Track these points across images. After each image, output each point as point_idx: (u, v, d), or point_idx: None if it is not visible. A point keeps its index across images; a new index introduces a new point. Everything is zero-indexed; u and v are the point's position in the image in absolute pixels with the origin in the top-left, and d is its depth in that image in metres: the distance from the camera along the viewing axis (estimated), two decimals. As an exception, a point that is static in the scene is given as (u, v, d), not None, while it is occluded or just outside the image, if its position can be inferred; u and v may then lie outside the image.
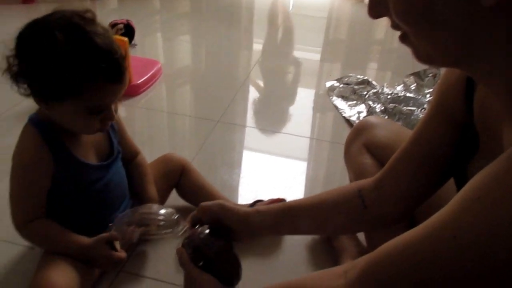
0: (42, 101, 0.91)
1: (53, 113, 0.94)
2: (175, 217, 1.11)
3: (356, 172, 1.12)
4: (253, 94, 2.21)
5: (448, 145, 0.76)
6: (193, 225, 0.94)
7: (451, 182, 0.82)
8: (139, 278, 1.12)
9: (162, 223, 1.11)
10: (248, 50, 2.76)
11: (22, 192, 0.99)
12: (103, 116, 0.95)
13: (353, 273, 0.66)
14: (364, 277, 0.65)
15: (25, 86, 0.91)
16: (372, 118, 1.20)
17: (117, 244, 1.01)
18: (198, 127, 1.88)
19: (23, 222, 1.00)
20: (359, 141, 1.13)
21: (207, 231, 0.89)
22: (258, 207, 0.97)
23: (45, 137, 0.96)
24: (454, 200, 0.54)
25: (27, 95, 0.92)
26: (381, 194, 0.86)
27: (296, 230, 1.00)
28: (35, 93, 0.90)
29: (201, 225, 0.92)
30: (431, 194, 0.83)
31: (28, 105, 0.94)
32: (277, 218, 0.93)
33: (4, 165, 0.97)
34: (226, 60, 2.57)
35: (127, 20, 2.43)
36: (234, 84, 2.24)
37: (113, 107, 0.96)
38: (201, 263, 0.85)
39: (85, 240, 1.00)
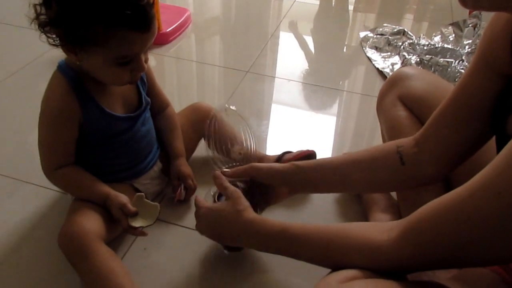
0: (71, 51, 0.90)
1: (83, 64, 0.93)
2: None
3: (389, 125, 1.09)
4: (283, 45, 2.16)
5: (492, 99, 0.73)
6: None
7: (489, 146, 0.79)
8: (166, 225, 1.14)
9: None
10: (279, 0, 2.68)
11: (49, 139, 0.99)
12: (132, 67, 0.93)
13: (395, 232, 0.66)
14: (405, 237, 0.64)
15: (54, 35, 0.89)
16: (407, 69, 1.15)
17: (135, 221, 0.99)
18: (227, 77, 1.86)
19: (51, 169, 1.01)
20: (394, 93, 1.09)
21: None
22: (298, 162, 0.97)
23: (72, 85, 0.95)
24: (498, 157, 0.53)
25: (56, 46, 0.90)
26: (420, 151, 0.84)
27: (333, 188, 1.00)
28: (63, 42, 0.89)
29: None
30: (472, 153, 0.80)
31: (58, 52, 0.93)
32: (314, 174, 0.94)
33: (37, 112, 0.98)
34: (256, 10, 2.51)
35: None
36: (264, 35, 2.19)
37: (143, 57, 0.94)
38: None
39: (105, 192, 1.00)
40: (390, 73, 1.83)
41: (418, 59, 1.87)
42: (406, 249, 0.65)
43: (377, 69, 1.89)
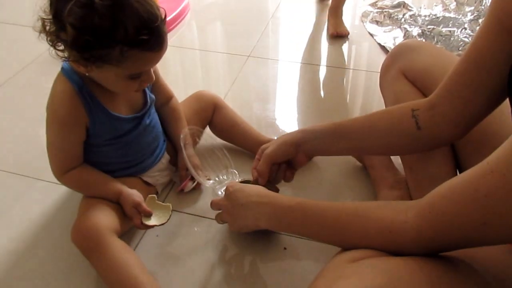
0: (81, 65, 0.89)
1: (92, 74, 0.92)
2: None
3: (392, 99, 1.09)
4: (283, 26, 2.14)
5: (506, 58, 0.71)
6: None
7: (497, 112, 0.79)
8: (178, 214, 1.16)
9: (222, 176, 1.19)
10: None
11: (57, 144, 1.00)
12: (142, 79, 0.95)
13: (413, 213, 0.66)
14: (424, 218, 0.65)
15: (64, 52, 0.89)
16: (409, 42, 1.14)
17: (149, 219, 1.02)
18: (229, 63, 1.86)
19: (61, 172, 1.02)
20: (396, 67, 1.08)
21: None
22: (307, 128, 1.01)
23: (77, 89, 0.95)
24: None
25: (65, 59, 0.90)
26: (435, 114, 0.83)
27: (348, 150, 1.02)
28: (75, 59, 0.88)
29: None
30: (487, 114, 0.80)
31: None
32: (329, 137, 0.96)
33: (44, 109, 0.99)
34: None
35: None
36: (265, 16, 2.18)
37: (152, 69, 0.96)
38: None
39: (118, 190, 1.02)
40: (393, 47, 1.82)
41: (420, 31, 1.86)
42: (426, 230, 0.65)
43: (379, 44, 1.88)
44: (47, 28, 0.87)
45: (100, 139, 1.02)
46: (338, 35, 1.95)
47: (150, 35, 0.85)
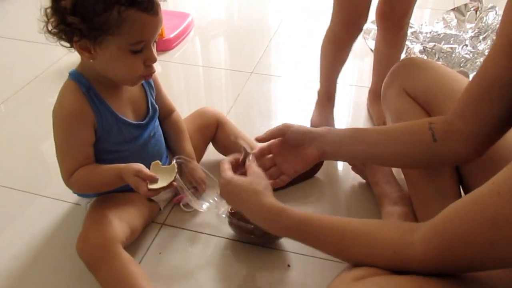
0: (85, 50, 0.92)
1: (97, 61, 0.94)
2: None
3: (394, 116, 1.09)
4: (286, 43, 2.16)
5: None
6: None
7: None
8: (180, 231, 1.16)
9: (216, 198, 1.17)
10: (280, -4, 2.68)
11: (66, 143, 1.00)
12: (145, 57, 0.95)
13: (420, 235, 0.66)
14: (431, 240, 0.65)
15: (66, 33, 0.91)
16: (411, 59, 1.14)
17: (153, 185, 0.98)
18: (232, 80, 1.87)
19: (68, 175, 1.01)
20: (398, 84, 1.09)
21: None
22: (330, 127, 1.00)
23: (85, 91, 0.98)
24: None
25: (70, 45, 0.93)
26: (452, 130, 0.84)
27: (360, 155, 0.98)
28: (78, 38, 0.90)
29: None
30: (503, 133, 0.80)
31: (66, 62, 0.95)
32: (346, 138, 0.95)
33: (49, 123, 0.99)
34: (257, 9, 2.51)
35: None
36: (267, 34, 2.20)
37: (153, 48, 0.96)
38: None
39: (117, 167, 1.00)
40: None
41: (421, 47, 1.87)
42: (431, 252, 0.65)
43: (381, 60, 1.89)
44: (50, 18, 0.90)
45: (107, 144, 1.03)
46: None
47: None
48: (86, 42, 0.91)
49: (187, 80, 1.89)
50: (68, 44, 0.93)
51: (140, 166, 0.97)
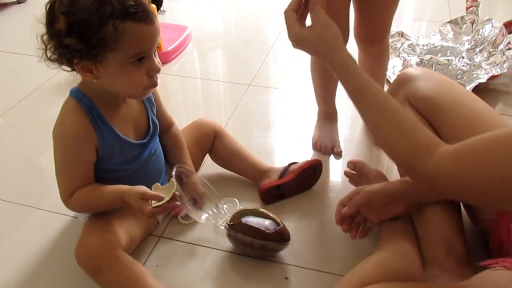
0: (87, 70, 0.91)
1: (100, 80, 0.93)
2: (224, 209, 1.18)
3: None
4: (284, 55, 2.17)
5: None
6: None
7: None
8: (178, 243, 1.15)
9: (214, 209, 1.18)
10: (277, 10, 2.70)
11: (66, 163, 0.99)
12: (147, 67, 0.94)
13: (440, 149, 0.71)
14: (453, 155, 0.70)
15: (68, 56, 0.90)
16: (413, 70, 1.15)
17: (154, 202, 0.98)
18: (230, 91, 1.88)
19: (67, 195, 1.00)
20: (400, 94, 1.09)
21: None
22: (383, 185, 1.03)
23: (87, 110, 0.96)
24: None
25: (72, 69, 0.92)
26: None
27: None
28: (78, 59, 0.89)
29: None
30: None
31: (65, 76, 0.94)
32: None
33: (48, 136, 0.99)
34: (255, 21, 2.53)
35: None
36: (265, 47, 2.21)
37: (154, 57, 0.95)
38: None
39: (119, 190, 0.99)
40: (392, 76, 1.84)
41: (418, 60, 1.88)
42: (446, 167, 0.69)
43: (378, 72, 1.90)
44: (47, 45, 0.89)
45: (108, 163, 1.02)
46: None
47: (137, 5, 0.87)
48: (87, 63, 0.90)
49: (185, 92, 1.90)
50: (69, 68, 0.92)
51: (144, 189, 0.97)
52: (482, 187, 0.64)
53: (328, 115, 1.52)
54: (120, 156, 1.04)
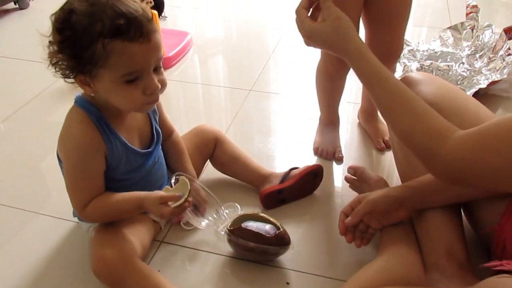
0: (84, 84, 0.92)
1: (98, 94, 0.94)
2: (225, 215, 1.18)
3: None
4: (284, 61, 2.18)
5: None
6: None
7: None
8: (179, 248, 1.15)
9: (215, 215, 1.18)
10: (278, 15, 2.71)
11: (80, 175, 0.98)
12: (143, 86, 0.91)
13: (456, 134, 0.76)
14: (468, 140, 0.75)
15: (65, 68, 0.91)
16: (415, 74, 1.15)
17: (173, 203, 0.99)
18: (231, 97, 1.88)
19: (82, 206, 0.99)
20: None
21: None
22: (410, 183, 1.04)
23: (94, 119, 0.96)
24: None
25: (69, 78, 0.93)
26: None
27: (454, 199, 1.01)
28: (73, 73, 0.90)
29: None
30: None
31: (66, 82, 0.95)
32: (433, 189, 1.00)
33: (49, 141, 0.99)
34: (255, 27, 2.54)
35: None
36: (265, 52, 2.22)
37: (152, 75, 0.91)
38: None
39: (137, 197, 0.99)
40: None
41: (418, 65, 1.89)
42: (460, 150, 0.74)
43: (379, 78, 1.90)
44: (51, 49, 0.90)
45: (115, 173, 1.02)
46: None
47: (128, 23, 0.85)
48: (83, 78, 0.90)
49: (186, 98, 1.90)
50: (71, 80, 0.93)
51: (161, 193, 0.99)
52: (498, 169, 0.66)
53: (330, 122, 1.52)
54: (127, 165, 1.03)
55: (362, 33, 1.24)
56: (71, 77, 0.92)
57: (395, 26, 1.28)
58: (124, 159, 1.02)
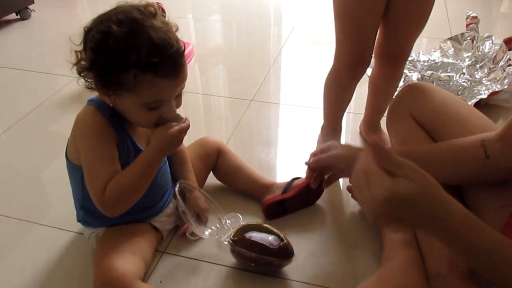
0: (105, 94, 0.93)
1: (115, 105, 0.96)
2: (228, 224, 1.18)
3: (399, 141, 1.11)
4: (285, 71, 2.19)
5: None
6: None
7: None
8: (181, 259, 1.15)
9: (218, 225, 1.18)
10: (279, 26, 2.72)
11: (98, 158, 0.96)
12: (162, 112, 0.95)
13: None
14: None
15: (90, 80, 0.93)
16: (418, 84, 1.16)
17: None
18: (232, 107, 1.88)
19: (102, 191, 0.95)
20: (404, 109, 1.10)
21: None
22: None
23: (108, 117, 0.97)
24: None
25: (91, 89, 0.95)
26: (505, 146, 0.87)
27: None
28: (98, 86, 0.92)
29: None
30: None
31: (68, 92, 0.95)
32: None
33: (50, 152, 0.99)
34: (257, 37, 2.55)
35: (158, 3, 2.41)
36: (266, 62, 2.23)
37: (173, 103, 0.96)
38: None
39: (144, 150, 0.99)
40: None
41: (419, 76, 1.90)
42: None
43: (380, 88, 1.91)
44: (79, 57, 0.92)
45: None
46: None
47: (162, 61, 0.87)
48: (107, 91, 0.92)
49: (187, 108, 1.90)
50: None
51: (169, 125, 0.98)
52: None
53: (332, 130, 1.53)
54: None
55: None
56: (94, 88, 0.94)
57: (411, 33, 1.29)
58: (132, 160, 1.02)
